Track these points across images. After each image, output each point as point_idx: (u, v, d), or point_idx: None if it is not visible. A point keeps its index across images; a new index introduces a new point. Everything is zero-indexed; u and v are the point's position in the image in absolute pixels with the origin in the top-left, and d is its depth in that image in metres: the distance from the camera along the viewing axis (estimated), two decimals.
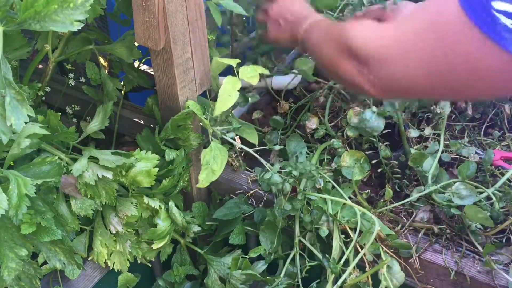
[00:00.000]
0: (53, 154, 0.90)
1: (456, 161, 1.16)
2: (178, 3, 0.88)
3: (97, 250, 1.01)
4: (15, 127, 0.68)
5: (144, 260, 1.09)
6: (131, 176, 0.93)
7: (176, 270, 1.17)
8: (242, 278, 1.09)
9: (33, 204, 0.82)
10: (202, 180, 0.98)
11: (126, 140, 1.30)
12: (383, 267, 0.98)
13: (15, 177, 0.78)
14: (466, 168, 1.03)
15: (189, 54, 0.97)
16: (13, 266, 0.84)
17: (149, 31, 0.89)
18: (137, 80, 1.20)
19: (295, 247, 1.08)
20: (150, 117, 1.16)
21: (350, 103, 1.28)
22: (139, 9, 0.87)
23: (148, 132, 1.08)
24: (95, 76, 1.13)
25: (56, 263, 0.94)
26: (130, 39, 1.05)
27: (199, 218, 1.15)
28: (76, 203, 0.93)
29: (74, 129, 0.95)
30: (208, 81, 1.05)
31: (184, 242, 1.16)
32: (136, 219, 1.01)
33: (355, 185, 1.09)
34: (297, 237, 1.08)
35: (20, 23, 0.68)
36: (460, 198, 1.00)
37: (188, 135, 1.03)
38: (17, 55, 0.93)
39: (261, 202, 1.14)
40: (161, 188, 1.00)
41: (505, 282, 0.94)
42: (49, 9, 0.66)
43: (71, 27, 0.67)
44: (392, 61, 0.67)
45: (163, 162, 1.02)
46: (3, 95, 0.67)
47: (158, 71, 0.98)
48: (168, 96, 1.01)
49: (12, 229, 0.84)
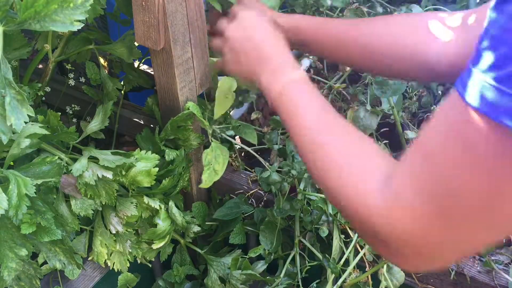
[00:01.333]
0: (53, 154, 0.90)
1: None
2: (178, 3, 0.88)
3: (97, 250, 1.01)
4: (15, 127, 0.68)
5: (144, 260, 1.09)
6: (131, 176, 0.93)
7: (176, 270, 1.17)
8: (242, 278, 1.09)
9: (33, 204, 0.82)
10: (205, 180, 0.98)
11: (126, 140, 1.30)
12: (383, 267, 0.98)
13: (15, 177, 0.78)
14: None
15: (189, 54, 0.97)
16: (13, 266, 0.84)
17: (149, 31, 0.89)
18: (137, 80, 1.20)
19: (295, 247, 1.08)
20: (150, 117, 1.16)
21: (351, 102, 1.28)
22: (139, 9, 0.87)
23: (148, 132, 1.08)
24: (95, 76, 1.13)
25: (56, 263, 0.94)
26: (130, 39, 1.05)
27: (199, 218, 1.15)
28: (76, 203, 0.93)
29: (74, 129, 0.95)
30: (208, 81, 1.05)
31: (184, 242, 1.16)
32: (136, 219, 1.01)
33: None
34: (297, 237, 1.08)
35: (20, 23, 0.68)
36: None
37: (188, 136, 1.03)
38: (17, 55, 0.93)
39: (261, 202, 1.14)
40: (161, 188, 1.00)
41: (505, 282, 0.95)
42: (49, 9, 0.66)
43: (71, 27, 0.67)
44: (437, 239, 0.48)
45: (163, 162, 1.02)
46: (3, 95, 0.67)
47: (158, 71, 0.98)
48: (168, 96, 1.01)
49: (12, 229, 0.84)
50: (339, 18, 1.17)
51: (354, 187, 0.55)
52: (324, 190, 0.62)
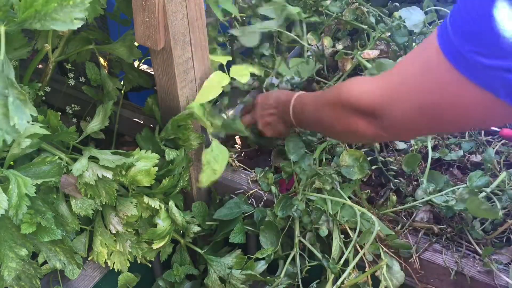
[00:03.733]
0: (53, 154, 0.90)
1: (456, 161, 1.16)
2: (178, 2, 0.88)
3: (97, 250, 1.01)
4: (18, 127, 0.68)
5: (144, 260, 1.09)
6: (131, 176, 0.93)
7: (176, 269, 1.17)
8: (242, 278, 1.09)
9: (33, 204, 0.82)
10: (204, 180, 0.98)
11: (126, 140, 1.30)
12: (383, 267, 0.98)
13: (15, 177, 0.78)
14: (476, 177, 1.03)
15: (189, 54, 0.97)
16: (13, 266, 0.84)
17: (149, 31, 0.89)
18: (137, 80, 1.20)
19: (295, 247, 1.08)
20: (150, 117, 1.16)
21: None
22: (139, 8, 0.87)
23: (148, 132, 1.08)
24: (95, 76, 1.13)
25: (56, 263, 0.94)
26: (130, 39, 1.05)
27: (199, 218, 1.15)
28: (76, 203, 0.93)
29: (74, 129, 0.95)
30: None
31: (184, 242, 1.16)
32: (136, 219, 1.01)
33: (357, 184, 1.09)
34: (297, 237, 1.08)
35: (21, 22, 0.68)
36: (463, 202, 0.99)
37: (189, 135, 1.03)
38: (17, 55, 0.93)
39: (261, 202, 1.14)
40: (161, 188, 1.00)
41: (505, 282, 0.95)
42: (49, 7, 0.66)
43: (71, 26, 0.67)
44: (392, 107, 0.74)
45: (163, 162, 1.02)
46: (6, 95, 0.67)
47: (158, 71, 0.98)
48: (168, 96, 1.01)
49: (12, 229, 0.84)
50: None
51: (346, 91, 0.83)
52: (330, 129, 0.92)
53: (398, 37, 1.20)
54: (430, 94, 0.68)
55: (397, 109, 0.73)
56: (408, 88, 0.71)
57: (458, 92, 0.65)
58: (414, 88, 0.70)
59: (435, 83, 0.67)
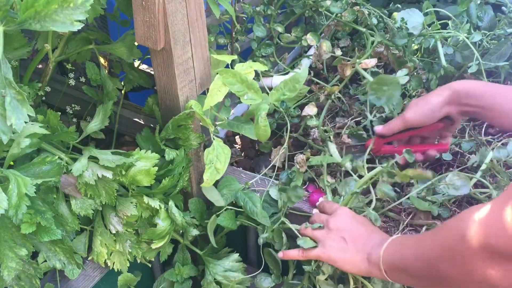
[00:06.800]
0: (53, 154, 0.91)
1: (456, 162, 1.16)
2: (178, 2, 0.89)
3: (97, 250, 1.01)
4: (15, 127, 0.68)
5: (144, 260, 1.09)
6: (130, 176, 0.93)
7: (177, 269, 1.17)
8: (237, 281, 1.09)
9: (33, 203, 0.83)
10: (207, 179, 0.98)
11: (126, 140, 1.30)
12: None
13: (15, 176, 0.78)
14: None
15: (189, 54, 0.97)
16: (13, 265, 0.84)
17: (149, 31, 0.89)
18: (137, 80, 1.20)
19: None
20: (150, 117, 1.16)
21: (350, 104, 1.28)
22: (139, 8, 0.87)
23: (148, 132, 1.08)
24: (95, 76, 1.13)
25: (56, 262, 0.94)
26: (130, 39, 1.05)
27: (197, 214, 1.14)
28: (76, 203, 0.93)
29: (74, 129, 0.95)
30: (208, 81, 1.05)
31: (184, 242, 1.16)
32: (136, 219, 1.01)
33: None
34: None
35: (21, 23, 0.68)
36: (456, 188, 0.98)
37: (189, 135, 1.03)
38: (17, 55, 0.93)
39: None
40: (161, 187, 1.00)
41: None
42: (49, 9, 0.66)
43: (72, 27, 0.68)
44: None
45: (163, 162, 1.02)
46: (4, 95, 0.67)
47: (158, 71, 0.98)
48: (168, 96, 1.01)
49: (12, 228, 0.84)
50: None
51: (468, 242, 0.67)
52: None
53: (398, 39, 1.20)
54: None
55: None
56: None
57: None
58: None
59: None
